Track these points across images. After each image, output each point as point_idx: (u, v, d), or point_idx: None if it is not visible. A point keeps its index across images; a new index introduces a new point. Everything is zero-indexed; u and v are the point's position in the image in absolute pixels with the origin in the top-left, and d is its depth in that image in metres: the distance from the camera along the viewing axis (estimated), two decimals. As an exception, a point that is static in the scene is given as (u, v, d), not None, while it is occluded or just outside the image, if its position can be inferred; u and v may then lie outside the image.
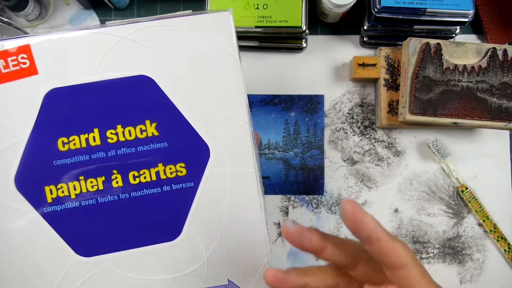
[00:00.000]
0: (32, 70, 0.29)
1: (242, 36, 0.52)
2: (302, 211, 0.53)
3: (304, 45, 0.54)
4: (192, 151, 0.31)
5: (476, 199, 0.53)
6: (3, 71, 0.29)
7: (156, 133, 0.30)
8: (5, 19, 0.47)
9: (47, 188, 0.29)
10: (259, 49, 0.55)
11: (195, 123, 0.31)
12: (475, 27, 0.56)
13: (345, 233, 0.53)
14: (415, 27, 0.51)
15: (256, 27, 0.49)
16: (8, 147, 0.29)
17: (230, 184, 0.31)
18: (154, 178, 0.30)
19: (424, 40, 0.48)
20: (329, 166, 0.54)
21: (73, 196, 0.30)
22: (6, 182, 0.29)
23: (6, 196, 0.29)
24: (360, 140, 0.54)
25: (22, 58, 0.29)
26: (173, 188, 0.30)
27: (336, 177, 0.54)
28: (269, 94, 0.55)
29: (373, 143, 0.54)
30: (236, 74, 0.31)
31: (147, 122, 0.30)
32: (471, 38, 0.56)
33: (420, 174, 0.54)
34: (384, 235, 0.23)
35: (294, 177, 0.54)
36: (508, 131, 0.54)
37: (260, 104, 0.55)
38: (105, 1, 0.54)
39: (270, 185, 0.54)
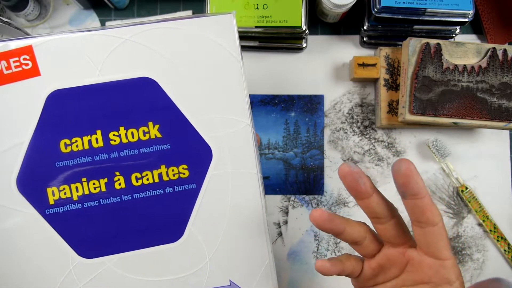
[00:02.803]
0: (34, 71, 0.29)
1: (242, 36, 0.52)
2: (302, 211, 0.53)
3: (304, 45, 0.54)
4: (194, 153, 0.31)
5: (476, 199, 0.53)
6: (5, 72, 0.29)
7: (159, 135, 0.30)
8: (5, 19, 0.47)
9: (49, 190, 0.29)
10: (259, 49, 0.55)
11: (198, 125, 0.31)
12: (475, 27, 0.56)
13: (345, 233, 0.53)
14: (415, 27, 0.51)
15: (256, 27, 0.49)
16: (9, 148, 0.29)
17: (232, 185, 0.31)
18: (156, 180, 0.30)
19: (424, 40, 0.48)
20: (329, 166, 0.54)
21: (75, 198, 0.30)
22: (7, 184, 0.29)
23: (7, 198, 0.29)
24: (360, 140, 0.54)
25: (24, 59, 0.29)
26: (176, 190, 0.30)
27: (336, 177, 0.54)
28: (269, 94, 0.55)
29: (373, 143, 0.54)
30: (239, 76, 0.31)
31: (150, 124, 0.30)
32: (471, 38, 0.56)
33: (420, 174, 0.54)
34: (428, 194, 0.26)
35: (294, 177, 0.54)
36: (508, 131, 0.54)
37: (260, 104, 0.55)
38: (105, 1, 0.54)
39: (270, 185, 0.54)
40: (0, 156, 0.29)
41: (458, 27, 0.51)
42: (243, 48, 0.54)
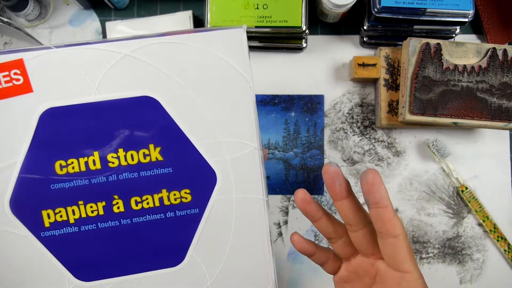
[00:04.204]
0: (26, 88, 0.27)
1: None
2: (302, 211, 0.53)
3: (304, 45, 0.54)
4: (197, 177, 0.29)
5: (476, 199, 0.53)
6: None
7: (160, 158, 0.29)
8: (5, 19, 0.47)
9: (44, 212, 0.28)
10: (259, 49, 0.55)
11: (202, 148, 0.29)
12: (475, 27, 0.56)
13: (345, 233, 0.53)
14: (415, 27, 0.51)
15: (256, 27, 0.49)
16: (0, 169, 0.28)
17: (237, 211, 0.30)
18: (157, 204, 0.29)
19: (424, 40, 0.48)
20: (329, 166, 0.54)
21: (72, 221, 0.28)
22: (0, 206, 0.28)
23: (2, 222, 0.28)
24: (360, 140, 0.54)
25: (15, 74, 0.27)
26: (177, 214, 0.29)
27: (336, 177, 0.54)
28: (269, 94, 0.55)
29: (373, 143, 0.54)
30: (247, 97, 0.29)
31: (151, 146, 0.29)
32: (471, 38, 0.56)
33: (420, 174, 0.54)
34: (390, 204, 0.27)
35: (294, 177, 0.54)
36: (508, 131, 0.54)
37: (260, 104, 0.55)
38: (105, 1, 0.54)
39: (270, 185, 0.54)
40: None
41: (458, 27, 0.51)
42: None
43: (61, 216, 0.28)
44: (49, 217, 0.28)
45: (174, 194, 0.29)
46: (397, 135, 0.54)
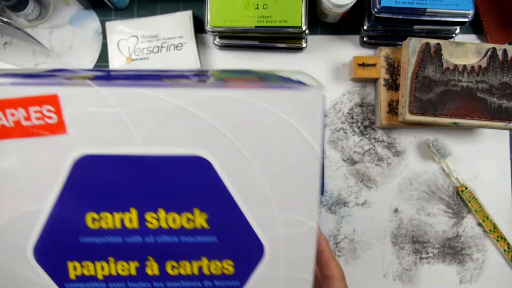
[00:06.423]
0: (59, 128, 0.24)
1: (242, 36, 0.52)
2: (302, 211, 0.53)
3: (304, 45, 0.54)
4: (243, 249, 0.27)
5: (476, 199, 0.53)
6: (24, 123, 0.24)
7: (205, 226, 0.26)
8: (5, 19, 0.47)
9: (70, 264, 0.26)
10: (259, 49, 0.55)
11: (254, 220, 0.26)
12: (475, 27, 0.56)
13: (345, 233, 0.53)
14: (415, 27, 0.51)
15: (256, 27, 0.49)
16: (24, 214, 0.26)
17: None
18: (195, 272, 0.26)
19: (424, 40, 0.48)
20: (329, 166, 0.54)
21: (100, 277, 0.26)
22: (23, 253, 0.26)
23: (23, 267, 0.26)
24: (360, 140, 0.54)
25: (48, 111, 0.24)
26: (216, 285, 0.27)
27: (336, 177, 0.54)
28: (269, 94, 0.55)
29: (373, 143, 0.54)
30: (314, 171, 0.25)
31: (196, 211, 0.26)
32: (471, 38, 0.56)
33: (420, 174, 0.54)
34: (326, 249, 0.30)
35: (294, 177, 0.54)
36: (508, 131, 0.55)
37: (260, 104, 0.54)
38: (105, 1, 0.54)
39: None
40: (13, 223, 0.25)
41: (458, 27, 0.51)
42: (243, 48, 0.54)
43: (88, 270, 0.26)
44: (75, 269, 0.26)
45: (215, 264, 0.27)
46: (397, 135, 0.54)
